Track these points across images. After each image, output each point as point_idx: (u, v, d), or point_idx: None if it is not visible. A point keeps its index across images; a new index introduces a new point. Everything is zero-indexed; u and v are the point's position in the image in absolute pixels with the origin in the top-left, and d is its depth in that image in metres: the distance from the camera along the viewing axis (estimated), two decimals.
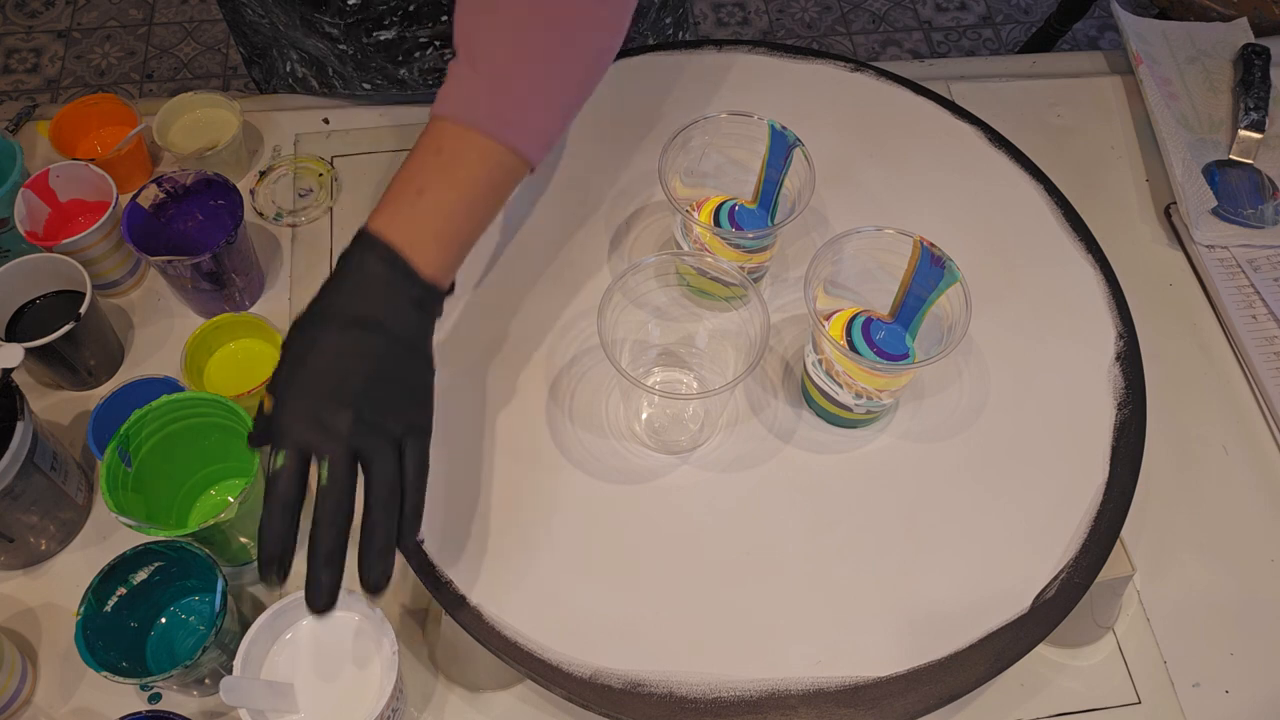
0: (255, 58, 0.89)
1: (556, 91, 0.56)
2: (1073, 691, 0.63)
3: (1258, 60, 0.89)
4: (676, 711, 0.56)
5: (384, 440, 0.49)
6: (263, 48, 0.87)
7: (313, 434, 0.48)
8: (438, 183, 0.53)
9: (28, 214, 0.72)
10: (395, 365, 0.50)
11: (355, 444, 0.48)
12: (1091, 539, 0.61)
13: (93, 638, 0.55)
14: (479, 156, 0.54)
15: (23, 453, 0.59)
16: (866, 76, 0.81)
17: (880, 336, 0.62)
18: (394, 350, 0.50)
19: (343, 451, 0.48)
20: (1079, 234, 0.73)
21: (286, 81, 0.87)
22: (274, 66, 0.87)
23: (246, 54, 0.90)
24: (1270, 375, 0.73)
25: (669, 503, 0.62)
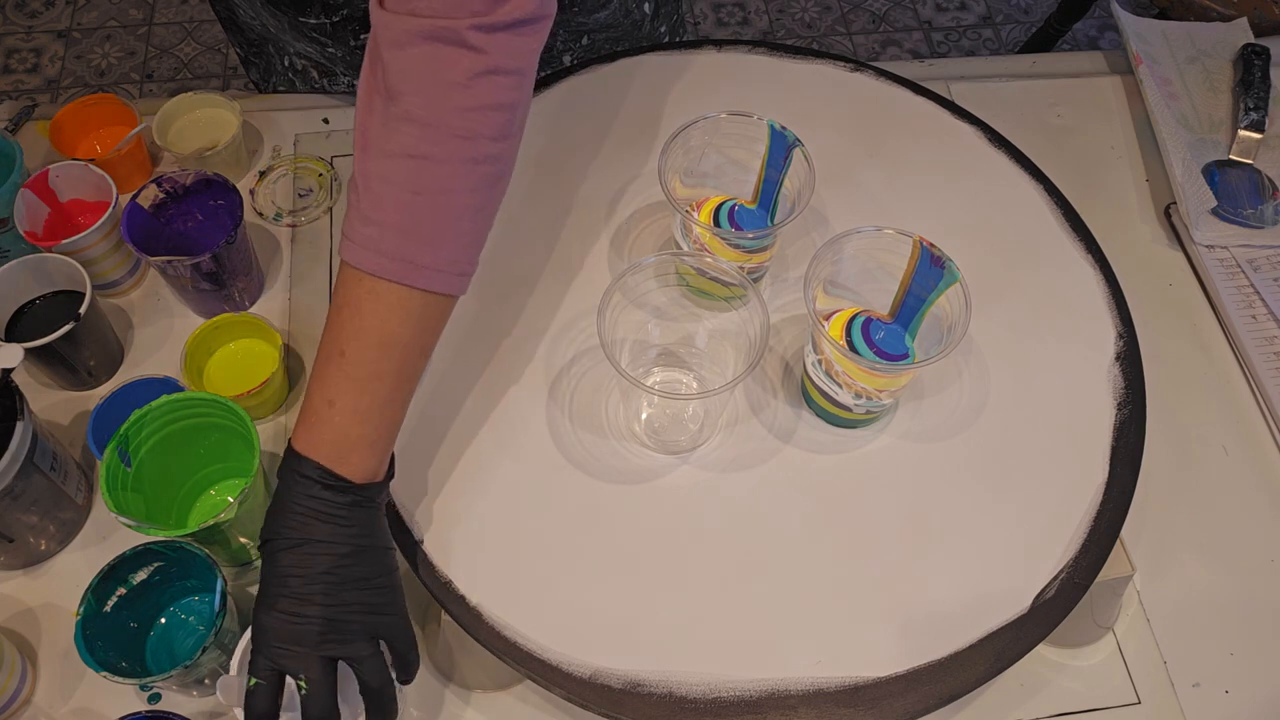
0: (252, 57, 0.89)
1: (467, 220, 0.55)
2: (1073, 691, 0.63)
3: (1258, 60, 0.89)
4: (676, 711, 0.56)
5: (356, 639, 0.52)
6: (258, 45, 0.86)
7: (282, 655, 0.51)
8: (347, 390, 0.53)
9: (27, 214, 0.72)
10: (352, 566, 0.52)
11: (325, 652, 0.51)
12: (1091, 539, 0.61)
13: (92, 638, 0.55)
14: (398, 312, 0.53)
15: (22, 453, 0.59)
16: (866, 76, 0.81)
17: (880, 336, 0.62)
18: (343, 558, 0.52)
19: (315, 662, 0.51)
20: (1079, 234, 0.73)
21: (286, 76, 0.87)
22: (271, 64, 0.87)
23: (243, 54, 0.90)
24: (1270, 375, 0.73)
25: (669, 503, 0.62)
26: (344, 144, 0.83)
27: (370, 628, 0.52)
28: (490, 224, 0.57)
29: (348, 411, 0.53)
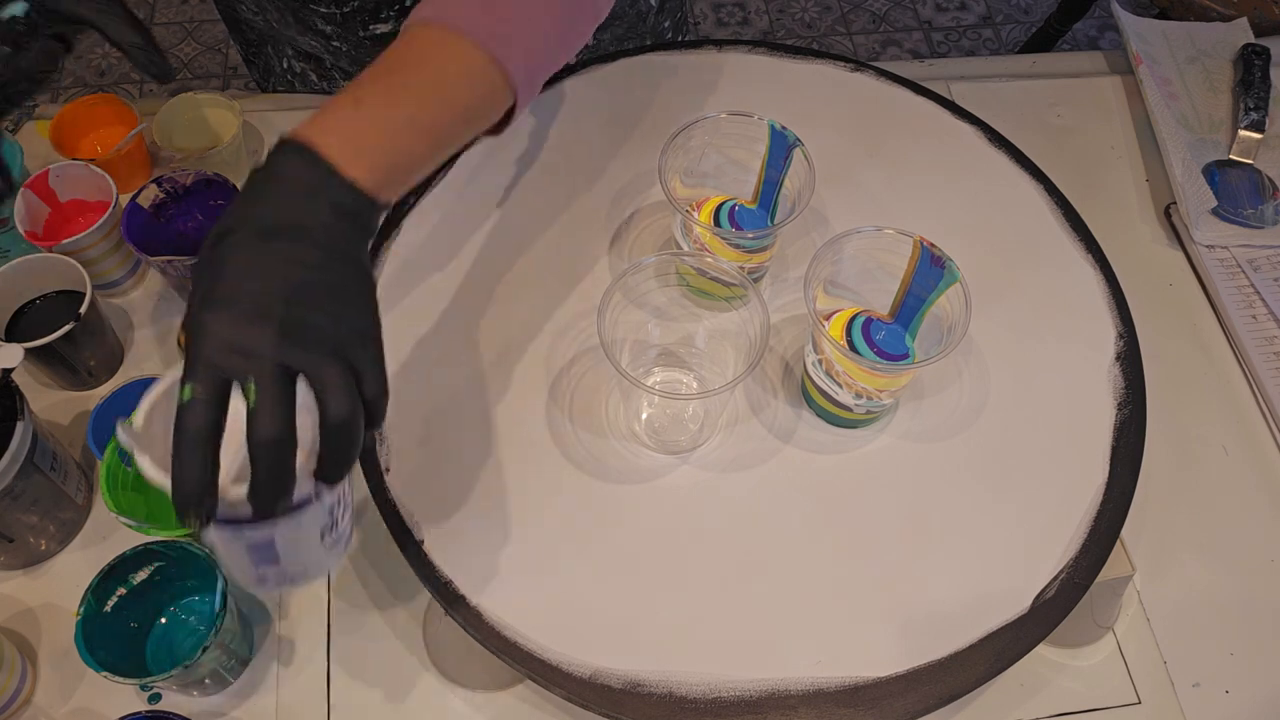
0: (252, 56, 0.89)
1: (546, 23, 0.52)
2: (1073, 691, 0.63)
3: (1258, 60, 0.89)
4: (676, 711, 0.56)
5: (321, 353, 0.42)
6: (258, 44, 0.86)
7: (228, 357, 0.41)
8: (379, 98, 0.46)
9: (28, 214, 0.72)
10: (323, 273, 0.43)
11: (285, 359, 0.41)
12: (1091, 539, 0.61)
13: (92, 638, 0.55)
14: (459, 65, 0.48)
15: (22, 453, 0.59)
16: (866, 76, 0.81)
17: (880, 336, 0.62)
18: (320, 258, 0.43)
19: (269, 369, 0.40)
20: (1079, 234, 0.73)
21: (285, 78, 0.87)
22: (270, 64, 0.87)
23: (243, 52, 0.90)
24: (1270, 375, 0.73)
25: (669, 503, 0.62)
26: None
27: (339, 345, 0.42)
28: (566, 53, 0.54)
29: (375, 117, 0.46)
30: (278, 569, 0.47)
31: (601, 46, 0.87)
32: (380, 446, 0.63)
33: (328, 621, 0.63)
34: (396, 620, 0.63)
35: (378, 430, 0.46)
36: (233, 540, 0.45)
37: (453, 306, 0.69)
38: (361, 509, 0.67)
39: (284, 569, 0.48)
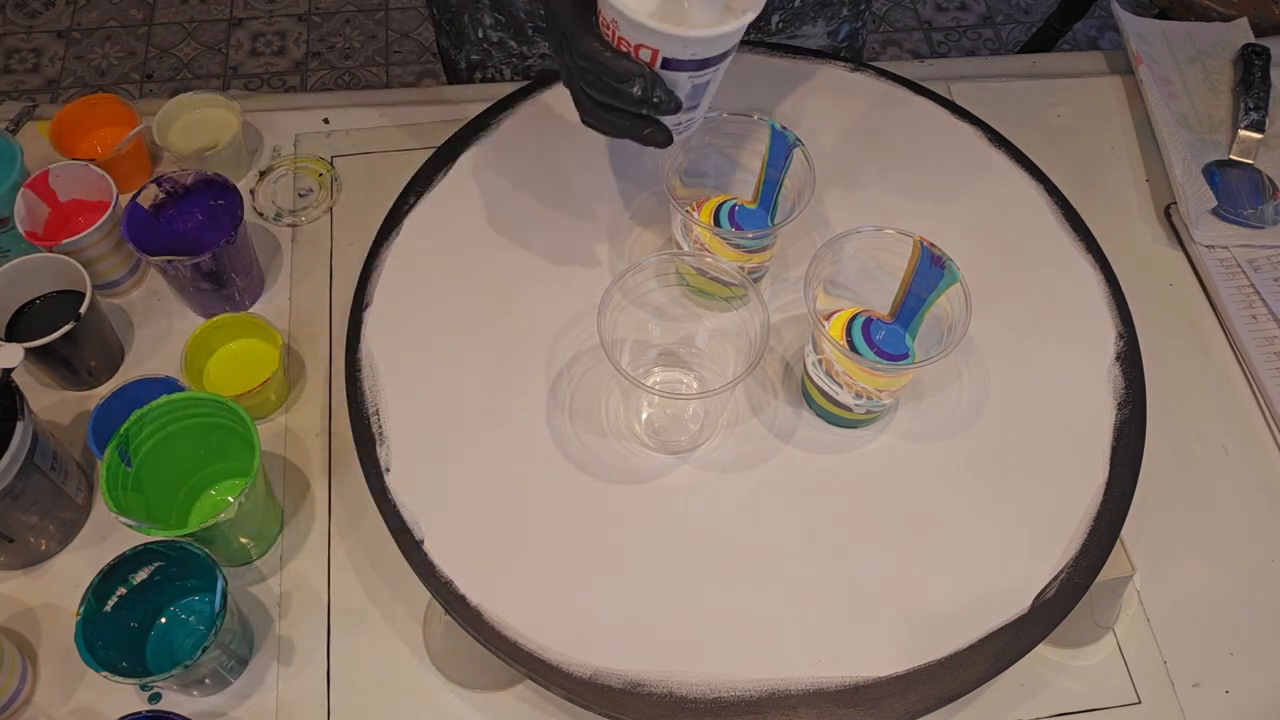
0: (445, 24, 0.89)
1: None
2: (1073, 691, 0.63)
3: (1258, 60, 0.89)
4: (676, 711, 0.56)
5: None
6: (454, 13, 0.87)
7: None
8: None
9: (28, 214, 0.72)
10: None
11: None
12: (1091, 539, 0.61)
13: (93, 638, 0.55)
14: None
15: (23, 453, 0.59)
16: (866, 76, 0.81)
17: (880, 336, 0.62)
18: None
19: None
20: (1079, 234, 0.73)
21: (481, 46, 0.87)
22: (465, 33, 0.87)
23: (438, 16, 0.91)
24: (1270, 375, 0.73)
25: (669, 503, 0.62)
26: (344, 144, 0.83)
27: None
28: None
29: None
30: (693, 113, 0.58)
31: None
32: (380, 446, 0.63)
33: (328, 621, 0.63)
34: (396, 620, 0.63)
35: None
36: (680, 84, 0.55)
37: (453, 306, 0.69)
38: (361, 509, 0.67)
39: (694, 115, 0.59)
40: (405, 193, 0.74)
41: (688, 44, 0.52)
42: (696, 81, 0.56)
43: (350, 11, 2.11)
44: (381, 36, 2.06)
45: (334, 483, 0.68)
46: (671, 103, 0.55)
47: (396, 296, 0.69)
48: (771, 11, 0.85)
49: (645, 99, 0.54)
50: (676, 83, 0.55)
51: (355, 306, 0.69)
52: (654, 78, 0.54)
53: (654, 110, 0.55)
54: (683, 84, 0.55)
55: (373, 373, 0.66)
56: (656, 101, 0.55)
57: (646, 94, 0.54)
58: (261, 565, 0.65)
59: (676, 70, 0.54)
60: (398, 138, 0.84)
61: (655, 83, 0.54)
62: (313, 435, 0.70)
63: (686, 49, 0.53)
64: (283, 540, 0.66)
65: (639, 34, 0.52)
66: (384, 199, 0.75)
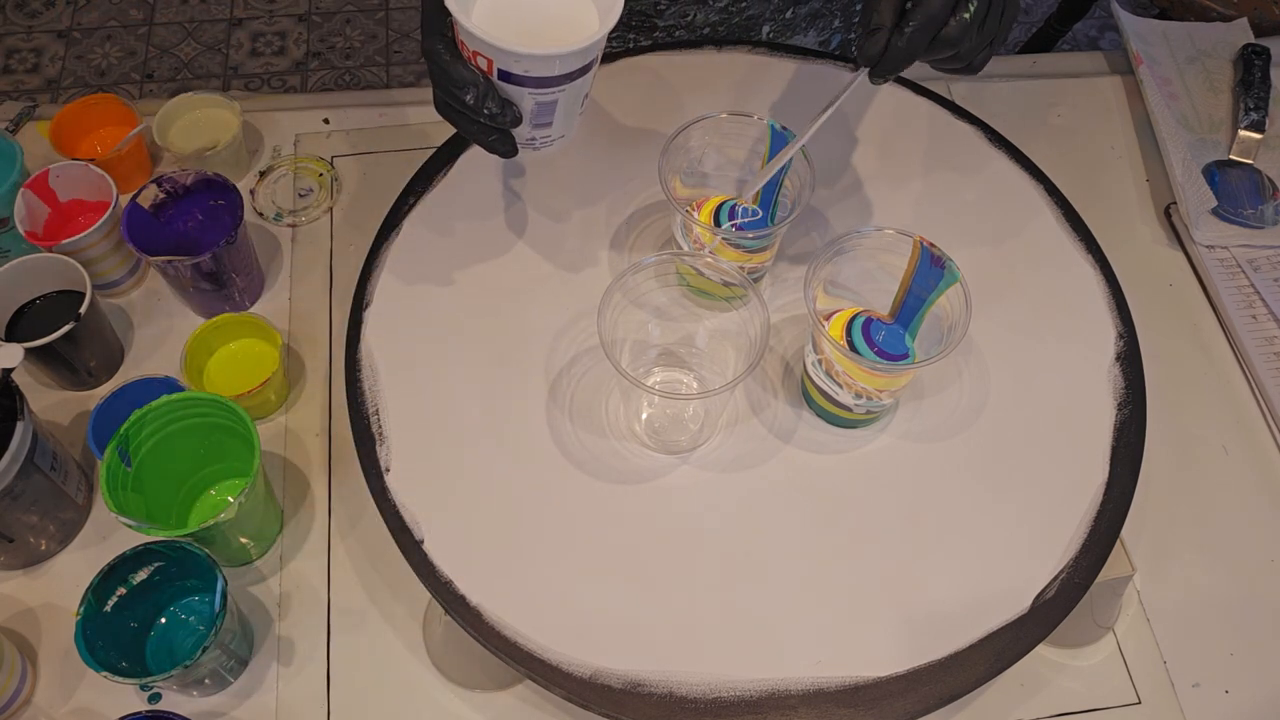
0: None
1: None
2: (1073, 691, 0.63)
3: (1258, 60, 0.89)
4: (676, 711, 0.56)
5: None
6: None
7: None
8: None
9: (28, 214, 0.72)
10: None
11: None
12: (1091, 539, 0.61)
13: (93, 638, 0.55)
14: None
15: (23, 453, 0.59)
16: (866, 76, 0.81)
17: (880, 336, 0.62)
18: None
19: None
20: (1079, 234, 0.73)
21: None
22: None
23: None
24: (1270, 375, 0.73)
25: (669, 503, 0.62)
26: (344, 144, 0.83)
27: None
28: None
29: None
30: (546, 131, 0.57)
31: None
32: (380, 446, 0.63)
33: (328, 621, 0.63)
34: (396, 620, 0.63)
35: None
36: (522, 99, 0.54)
37: (453, 306, 0.69)
38: (361, 509, 0.67)
39: (550, 132, 0.57)
40: (405, 193, 0.74)
41: (520, 60, 0.51)
42: (540, 99, 0.54)
43: (350, 11, 2.10)
44: (381, 36, 2.06)
45: (334, 483, 0.68)
46: (507, 116, 0.54)
47: (396, 296, 0.69)
48: (763, 22, 0.85)
49: (477, 109, 0.53)
50: (518, 97, 0.54)
51: (355, 306, 0.69)
52: (488, 88, 0.53)
53: (488, 120, 0.54)
54: (524, 99, 0.54)
55: (373, 373, 0.66)
56: (489, 113, 0.54)
57: (478, 104, 0.53)
58: (261, 565, 0.65)
59: (516, 85, 0.53)
60: (398, 138, 0.84)
61: (489, 94, 0.53)
62: (313, 435, 0.70)
63: (519, 64, 0.51)
64: (283, 540, 0.66)
65: (472, 42, 0.52)
66: (384, 199, 0.75)
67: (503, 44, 0.50)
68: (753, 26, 0.85)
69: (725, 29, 0.84)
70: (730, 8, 0.82)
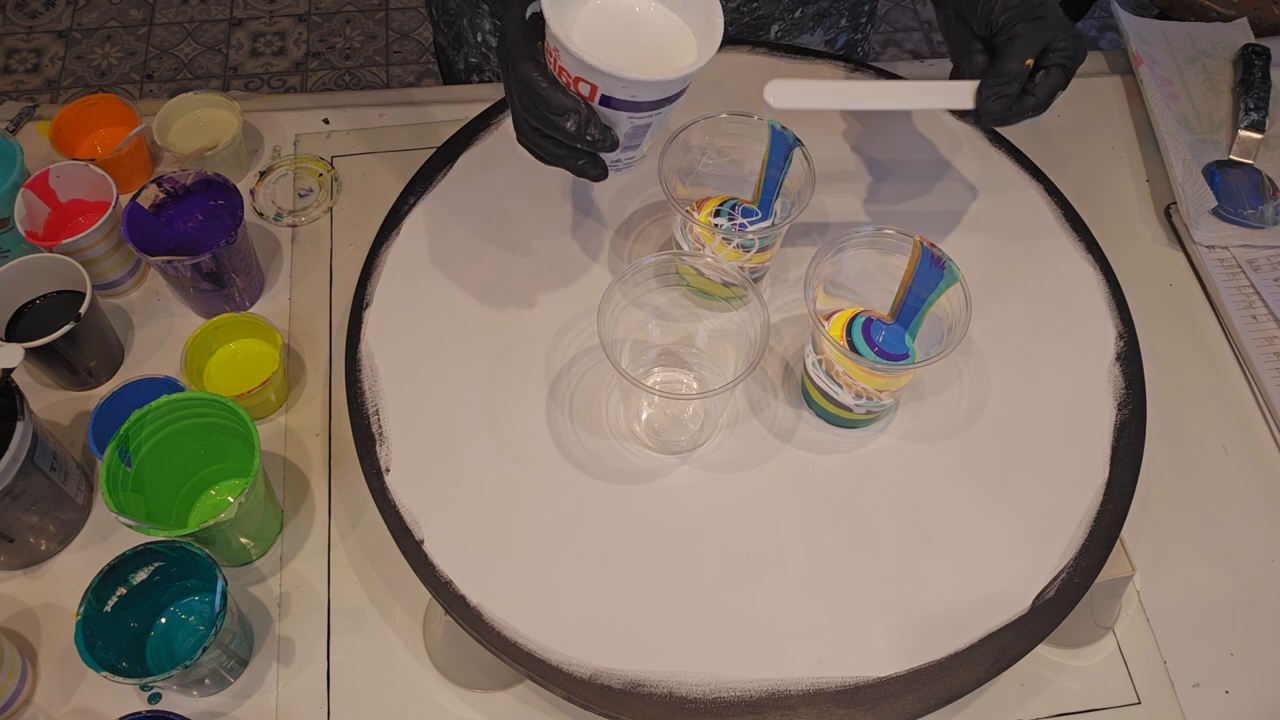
0: (444, 24, 0.89)
1: None
2: (1073, 692, 0.63)
3: (1258, 60, 0.89)
4: (676, 711, 0.56)
5: None
6: (456, 13, 0.86)
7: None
8: None
9: (28, 214, 0.72)
10: None
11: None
12: (1091, 539, 0.61)
13: (92, 638, 0.55)
14: None
15: (23, 453, 0.59)
16: (866, 77, 0.81)
17: (880, 337, 0.62)
18: None
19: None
20: (1079, 234, 0.73)
21: (479, 50, 0.87)
22: (463, 35, 0.87)
23: (436, 17, 0.90)
24: (1270, 375, 0.73)
25: (669, 503, 0.62)
26: (344, 144, 0.83)
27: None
28: None
29: None
30: (633, 152, 0.57)
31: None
32: (380, 446, 0.63)
33: (328, 621, 0.63)
34: (396, 620, 0.63)
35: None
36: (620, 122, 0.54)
37: (453, 306, 0.69)
38: (361, 509, 0.67)
39: (634, 154, 0.57)
40: (405, 193, 0.74)
41: (628, 85, 0.51)
42: (637, 123, 0.54)
43: (350, 11, 2.11)
44: (381, 36, 2.06)
45: (334, 483, 0.68)
46: (607, 141, 0.54)
47: (396, 296, 0.69)
48: (771, 21, 0.85)
49: (579, 135, 0.53)
50: (616, 121, 0.54)
51: (355, 306, 0.69)
52: (590, 114, 0.53)
53: (587, 147, 0.54)
54: (622, 123, 0.54)
55: (373, 373, 0.66)
56: (590, 139, 0.53)
57: (581, 130, 0.53)
58: (261, 565, 0.65)
59: (616, 109, 0.53)
60: (398, 138, 0.84)
61: (590, 120, 0.53)
62: (313, 435, 0.70)
63: (627, 90, 0.51)
64: (283, 540, 0.66)
65: (579, 68, 0.51)
66: (384, 199, 0.75)
67: (615, 70, 0.50)
68: (762, 26, 0.85)
69: (735, 28, 0.84)
70: (742, 7, 0.82)
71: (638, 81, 0.51)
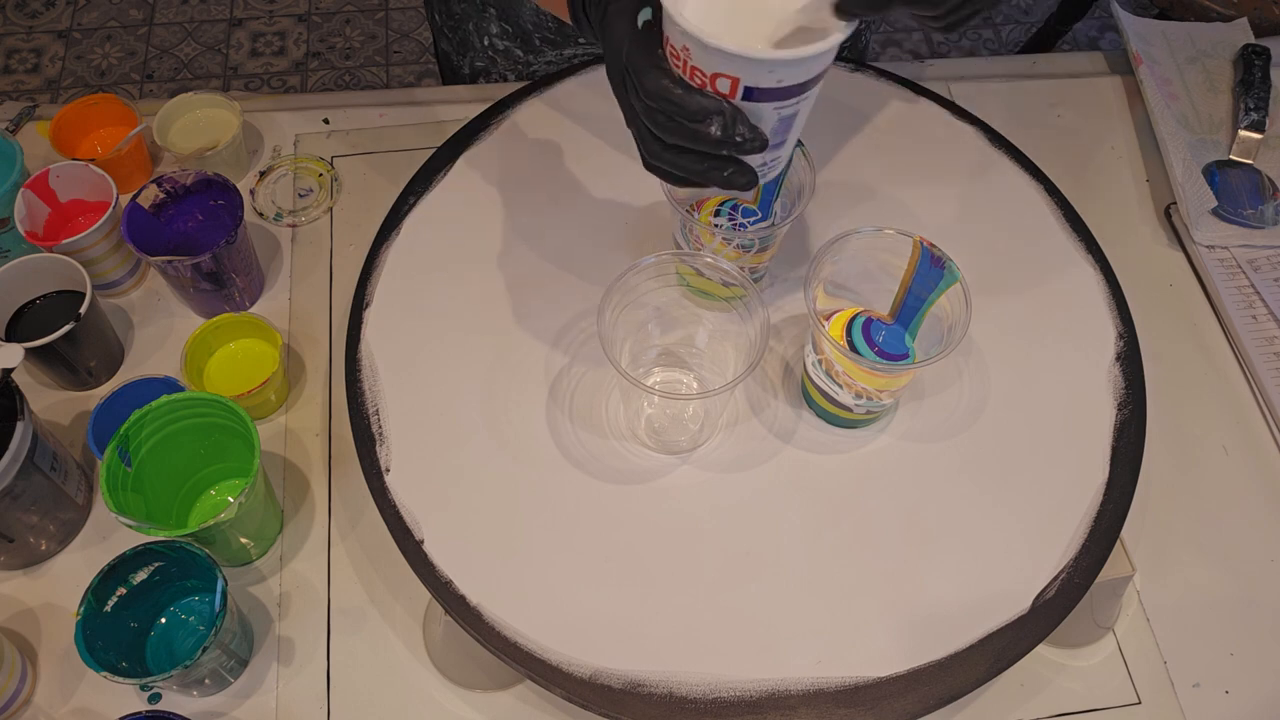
0: (449, 30, 0.88)
1: None
2: (1073, 692, 0.63)
3: (1258, 60, 0.89)
4: (676, 711, 0.56)
5: None
6: (461, 18, 0.86)
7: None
8: None
9: (28, 214, 0.72)
10: None
11: None
12: (1091, 539, 0.61)
13: (92, 638, 0.55)
14: None
15: (23, 453, 0.59)
16: (866, 76, 0.81)
17: (880, 337, 0.62)
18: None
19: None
20: (1079, 234, 0.73)
21: (486, 54, 0.86)
22: (469, 40, 0.86)
23: (440, 22, 0.89)
24: (1270, 375, 0.73)
25: (669, 503, 0.62)
26: (344, 144, 0.83)
27: None
28: None
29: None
30: (778, 152, 0.52)
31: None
32: (380, 446, 0.63)
33: (328, 621, 0.63)
34: (396, 620, 0.63)
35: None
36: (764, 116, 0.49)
37: (453, 307, 0.69)
38: (361, 509, 0.67)
39: (780, 152, 0.52)
40: (405, 193, 0.74)
41: (774, 68, 0.45)
42: (783, 113, 0.49)
43: (350, 11, 2.10)
44: (381, 36, 2.06)
45: (334, 483, 0.68)
46: (756, 140, 0.48)
47: (396, 296, 0.69)
48: None
49: (727, 138, 0.47)
50: (761, 115, 0.48)
51: (355, 306, 0.69)
52: (735, 113, 0.47)
53: (736, 150, 0.48)
54: (768, 116, 0.48)
55: (373, 373, 0.66)
56: (740, 140, 0.47)
57: (728, 133, 0.47)
58: (261, 565, 0.65)
59: (760, 101, 0.47)
60: (398, 138, 0.84)
61: (737, 118, 0.47)
62: (313, 435, 0.70)
63: (773, 74, 0.46)
64: (283, 540, 0.66)
65: (716, 61, 0.45)
66: (384, 199, 0.75)
67: (758, 54, 0.45)
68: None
69: None
70: None
71: (785, 61, 0.45)
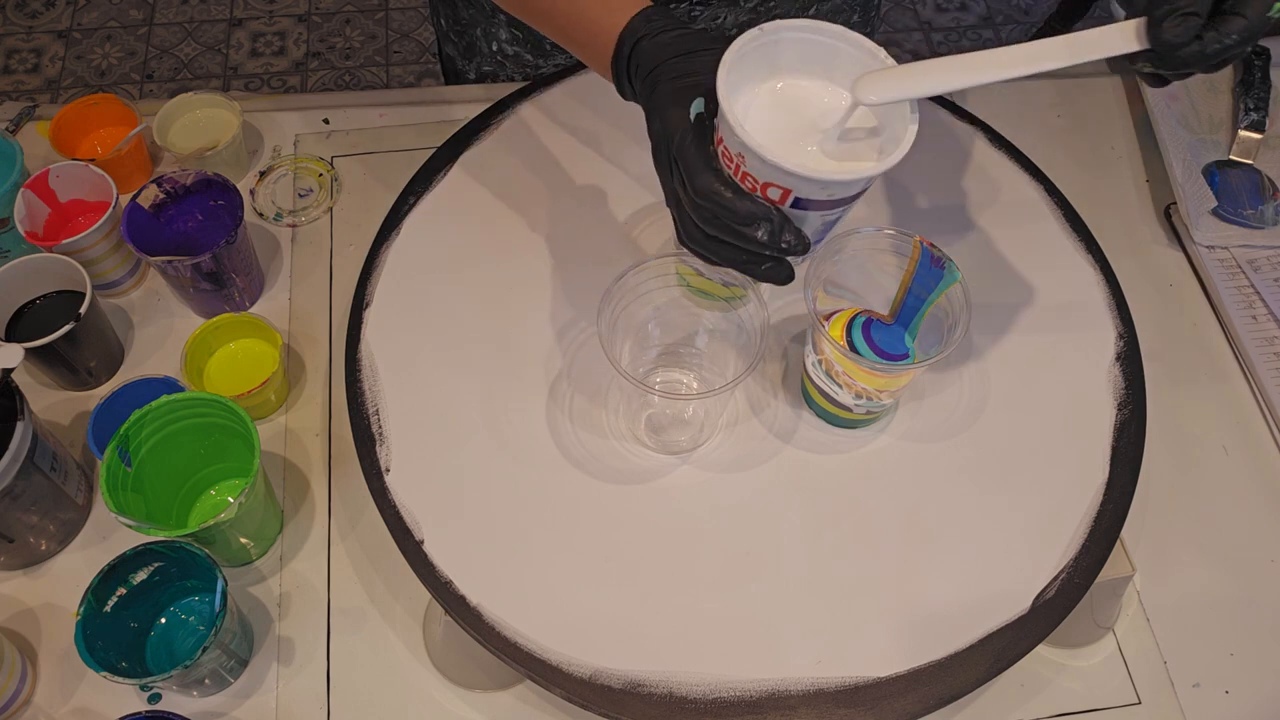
0: (454, 35, 0.88)
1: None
2: (1073, 692, 0.63)
3: (1258, 60, 0.89)
4: (676, 711, 0.56)
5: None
6: (468, 23, 0.86)
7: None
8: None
9: (28, 214, 0.72)
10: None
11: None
12: (1091, 539, 0.61)
13: (92, 638, 0.55)
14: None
15: (23, 453, 0.59)
16: None
17: (880, 337, 0.62)
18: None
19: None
20: (1079, 234, 0.73)
21: (494, 59, 0.86)
22: (477, 44, 0.86)
23: (445, 28, 0.89)
24: (1270, 375, 0.73)
25: (669, 503, 0.62)
26: (344, 144, 0.83)
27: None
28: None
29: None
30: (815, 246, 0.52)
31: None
32: (380, 446, 0.63)
33: (328, 621, 0.63)
34: (396, 620, 0.63)
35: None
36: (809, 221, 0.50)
37: (453, 307, 0.69)
38: (361, 509, 0.67)
39: (817, 245, 0.52)
40: (405, 193, 0.74)
41: (827, 186, 0.46)
42: (829, 219, 0.50)
43: (350, 11, 2.10)
44: (381, 36, 2.06)
45: (334, 483, 0.68)
46: (800, 245, 0.49)
47: (396, 296, 0.69)
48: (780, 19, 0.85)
49: (773, 244, 0.48)
50: (806, 220, 0.49)
51: (355, 306, 0.69)
52: (783, 221, 0.48)
53: (780, 253, 0.49)
54: (813, 221, 0.49)
55: (373, 373, 0.66)
56: (785, 246, 0.48)
57: (775, 239, 0.48)
58: (261, 565, 0.65)
59: (809, 210, 0.48)
60: (398, 138, 0.84)
61: (785, 226, 0.48)
62: (313, 435, 0.70)
63: (825, 190, 0.46)
64: (283, 540, 0.66)
65: (771, 174, 0.46)
66: (384, 199, 0.75)
67: (816, 174, 0.45)
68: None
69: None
70: (759, 7, 0.82)
71: (838, 181, 0.46)
